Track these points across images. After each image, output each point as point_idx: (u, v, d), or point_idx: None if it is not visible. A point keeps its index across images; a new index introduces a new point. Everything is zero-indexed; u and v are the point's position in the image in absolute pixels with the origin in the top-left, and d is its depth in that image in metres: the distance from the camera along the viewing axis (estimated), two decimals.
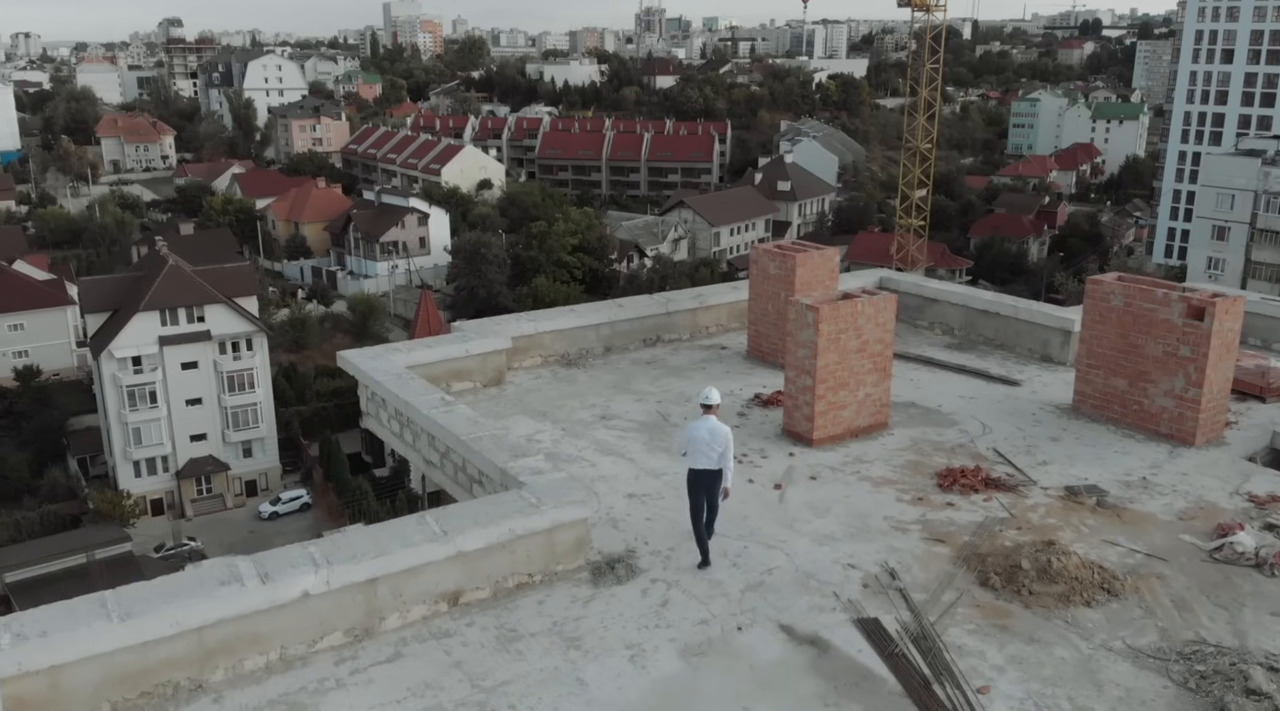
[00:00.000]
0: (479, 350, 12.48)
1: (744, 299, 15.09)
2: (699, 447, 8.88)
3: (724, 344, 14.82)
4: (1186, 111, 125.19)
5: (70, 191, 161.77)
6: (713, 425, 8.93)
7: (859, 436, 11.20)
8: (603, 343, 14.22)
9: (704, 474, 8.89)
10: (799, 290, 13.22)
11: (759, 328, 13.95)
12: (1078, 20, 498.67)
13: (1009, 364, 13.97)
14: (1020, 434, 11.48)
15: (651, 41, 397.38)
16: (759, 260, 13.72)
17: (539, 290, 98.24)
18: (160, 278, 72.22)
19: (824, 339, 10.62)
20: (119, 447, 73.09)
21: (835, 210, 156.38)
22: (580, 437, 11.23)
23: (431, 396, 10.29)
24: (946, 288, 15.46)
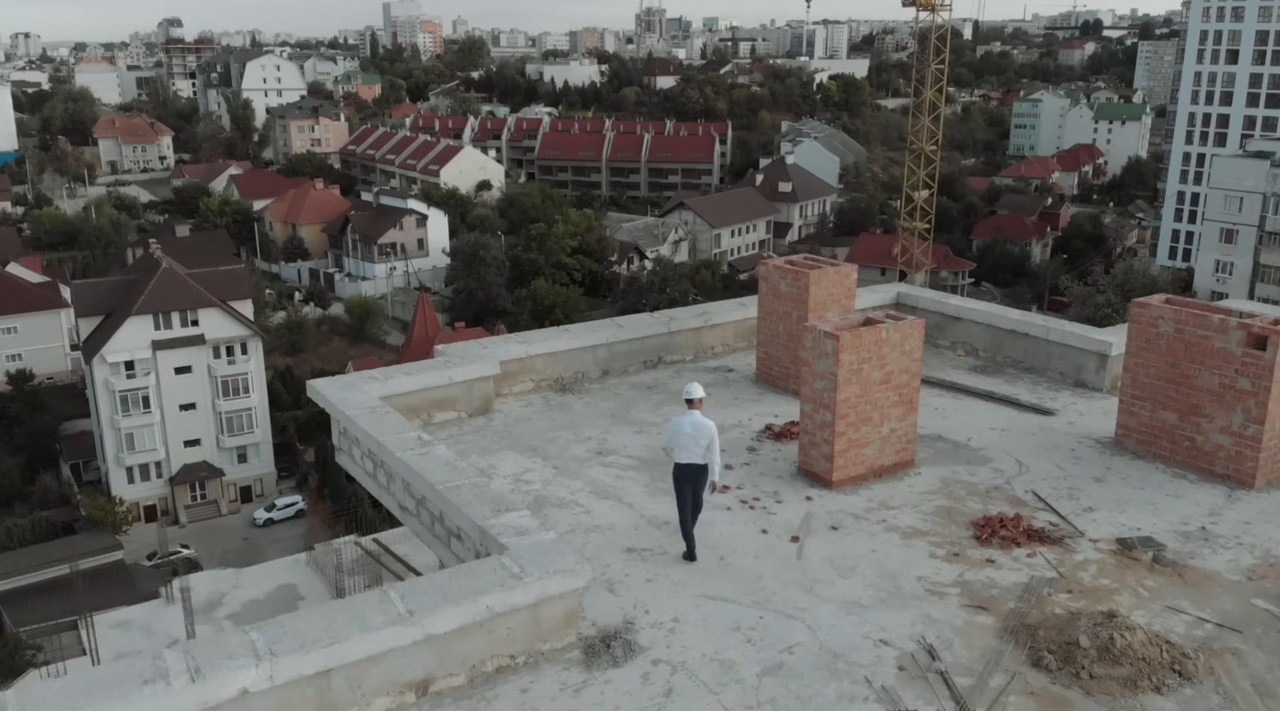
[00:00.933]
0: (464, 377, 11.40)
1: (752, 316, 14.00)
2: (683, 443, 8.81)
3: (730, 365, 13.74)
4: (1191, 112, 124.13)
5: (67, 192, 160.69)
6: (696, 420, 8.85)
7: (883, 476, 10.12)
8: (600, 365, 13.14)
9: (690, 468, 8.81)
10: (813, 310, 12.15)
11: (768, 350, 12.86)
12: (1078, 21, 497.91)
13: (1040, 390, 12.89)
14: (1060, 473, 10.40)
15: (652, 42, 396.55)
16: (768, 277, 12.64)
17: (538, 293, 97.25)
18: (153, 281, 71.19)
19: (844, 370, 9.54)
20: (111, 453, 72.06)
21: (837, 211, 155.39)
22: (573, 477, 10.14)
23: (407, 435, 9.21)
24: (970, 305, 14.36)
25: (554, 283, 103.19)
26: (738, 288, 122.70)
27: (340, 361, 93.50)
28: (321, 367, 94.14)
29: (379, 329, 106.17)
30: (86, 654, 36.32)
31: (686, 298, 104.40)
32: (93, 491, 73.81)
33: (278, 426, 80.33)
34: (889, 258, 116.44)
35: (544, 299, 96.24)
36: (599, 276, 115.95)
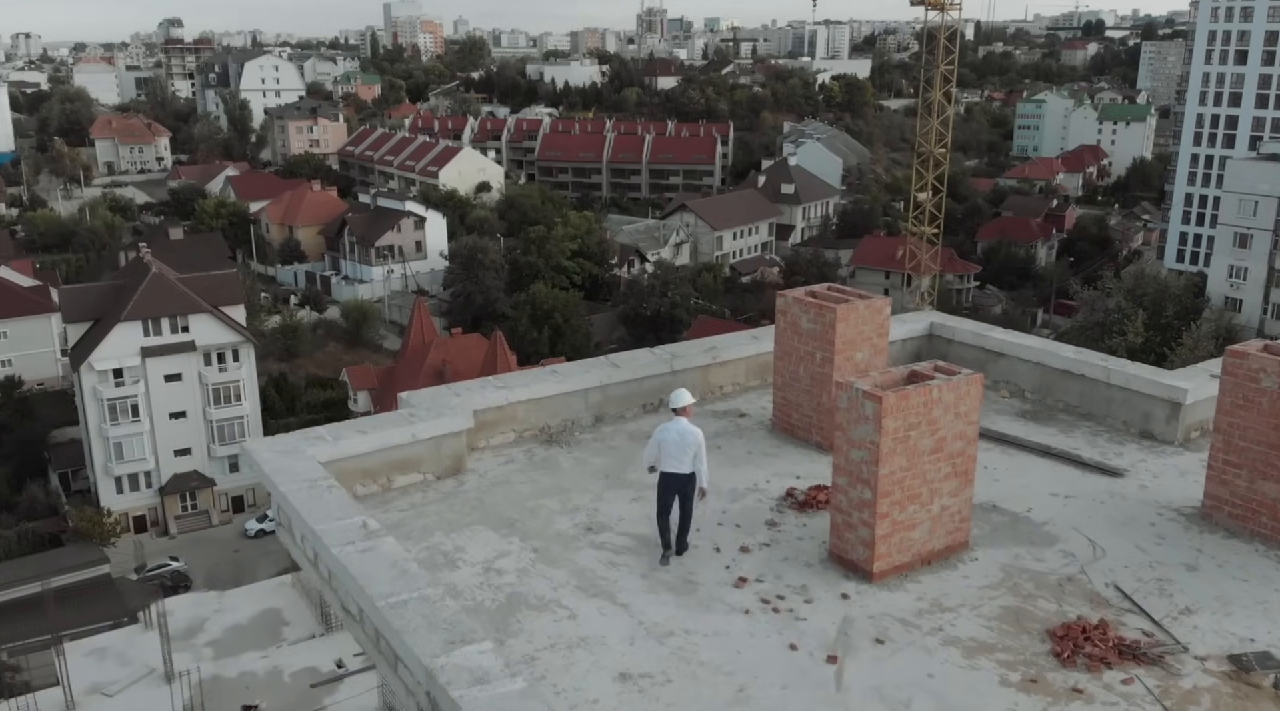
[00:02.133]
0: (430, 433, 9.66)
1: (766, 351, 12.27)
2: (669, 451, 8.65)
3: (742, 409, 11.99)
4: (1199, 113, 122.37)
5: (62, 194, 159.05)
6: (683, 428, 8.69)
7: (932, 563, 8.37)
8: (593, 411, 11.40)
9: (676, 477, 8.61)
10: (840, 350, 10.42)
11: (787, 394, 11.12)
12: (1080, 21, 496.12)
13: (1101, 442, 11.13)
14: (1143, 557, 8.66)
15: (653, 42, 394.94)
16: (787, 311, 10.89)
17: (537, 297, 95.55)
18: (143, 286, 69.52)
19: (889, 438, 7.81)
20: (100, 463, 70.42)
21: (840, 213, 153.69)
22: (557, 563, 8.40)
23: (348, 523, 7.47)
24: (1015, 340, 12.60)
25: (553, 286, 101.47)
26: (739, 291, 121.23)
27: (335, 366, 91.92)
28: (316, 373, 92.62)
29: (375, 333, 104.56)
30: (59, 683, 34.68)
31: (688, 302, 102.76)
32: (81, 501, 72.16)
33: (271, 434, 78.62)
34: (893, 260, 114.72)
35: (543, 303, 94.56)
36: (599, 280, 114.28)
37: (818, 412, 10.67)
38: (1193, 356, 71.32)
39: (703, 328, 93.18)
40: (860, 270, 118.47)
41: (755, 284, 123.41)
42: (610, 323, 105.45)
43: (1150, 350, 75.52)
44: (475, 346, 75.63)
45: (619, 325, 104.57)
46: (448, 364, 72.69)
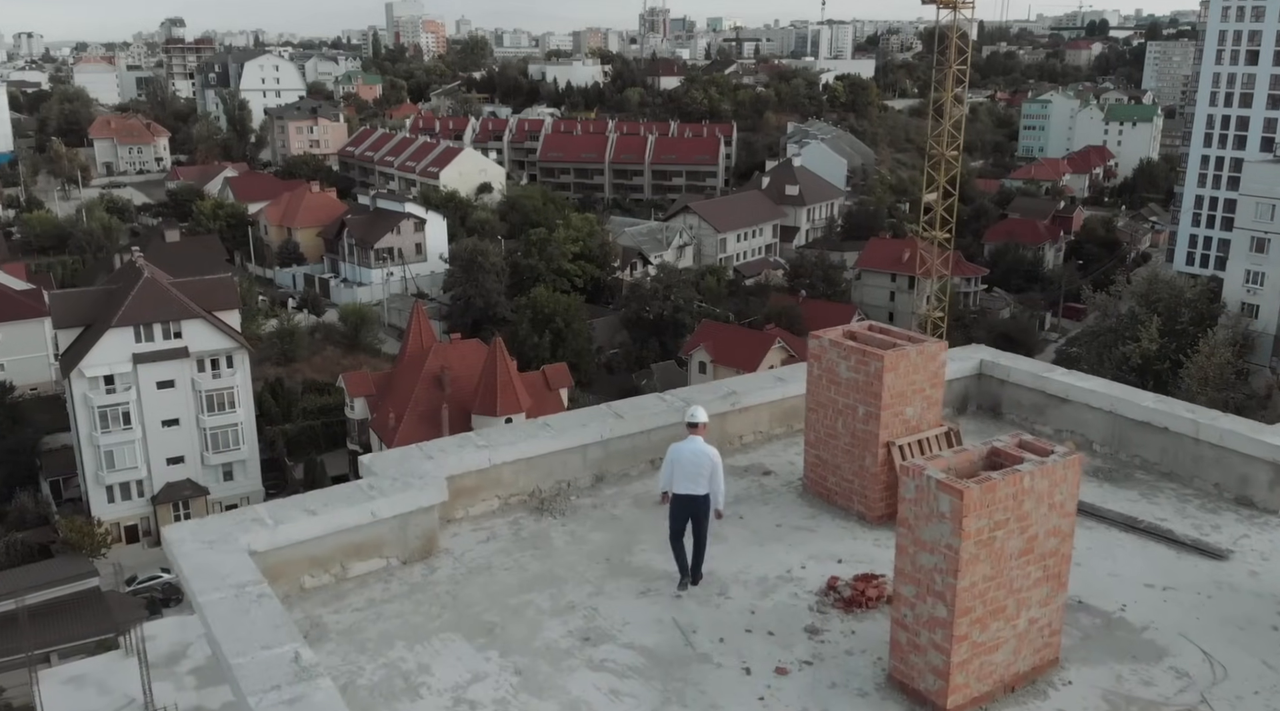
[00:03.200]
0: (394, 511, 7.98)
1: (794, 395, 10.61)
2: (683, 470, 8.22)
3: (767, 465, 10.31)
4: (1210, 114, 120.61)
5: (59, 195, 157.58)
6: (698, 447, 8.29)
7: (1017, 689, 6.70)
8: (592, 469, 9.72)
9: (690, 499, 8.16)
10: (888, 405, 8.74)
11: (821, 454, 9.44)
12: (1084, 21, 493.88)
13: (1192, 510, 9.44)
14: (1275, 677, 6.97)
15: (655, 42, 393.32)
16: (822, 355, 9.21)
17: (538, 300, 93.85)
18: (135, 291, 67.96)
19: (971, 542, 6.13)
20: (91, 471, 68.84)
21: (845, 215, 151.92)
22: (544, 693, 6.69)
23: (277, 653, 5.80)
24: (1081, 383, 10.88)
25: (555, 290, 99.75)
26: (744, 294, 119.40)
27: (333, 371, 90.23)
28: (314, 378, 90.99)
29: (374, 337, 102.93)
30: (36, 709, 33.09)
31: (691, 305, 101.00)
32: (72, 510, 70.60)
33: (266, 441, 77.10)
34: (900, 263, 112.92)
35: (544, 307, 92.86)
36: (601, 283, 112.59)
37: (860, 478, 8.99)
38: (1209, 364, 69.62)
39: (707, 332, 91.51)
40: (866, 272, 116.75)
41: (760, 287, 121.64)
42: (612, 326, 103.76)
43: (1165, 356, 73.81)
44: (474, 352, 73.94)
45: (621, 329, 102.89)
46: (446, 370, 71.03)
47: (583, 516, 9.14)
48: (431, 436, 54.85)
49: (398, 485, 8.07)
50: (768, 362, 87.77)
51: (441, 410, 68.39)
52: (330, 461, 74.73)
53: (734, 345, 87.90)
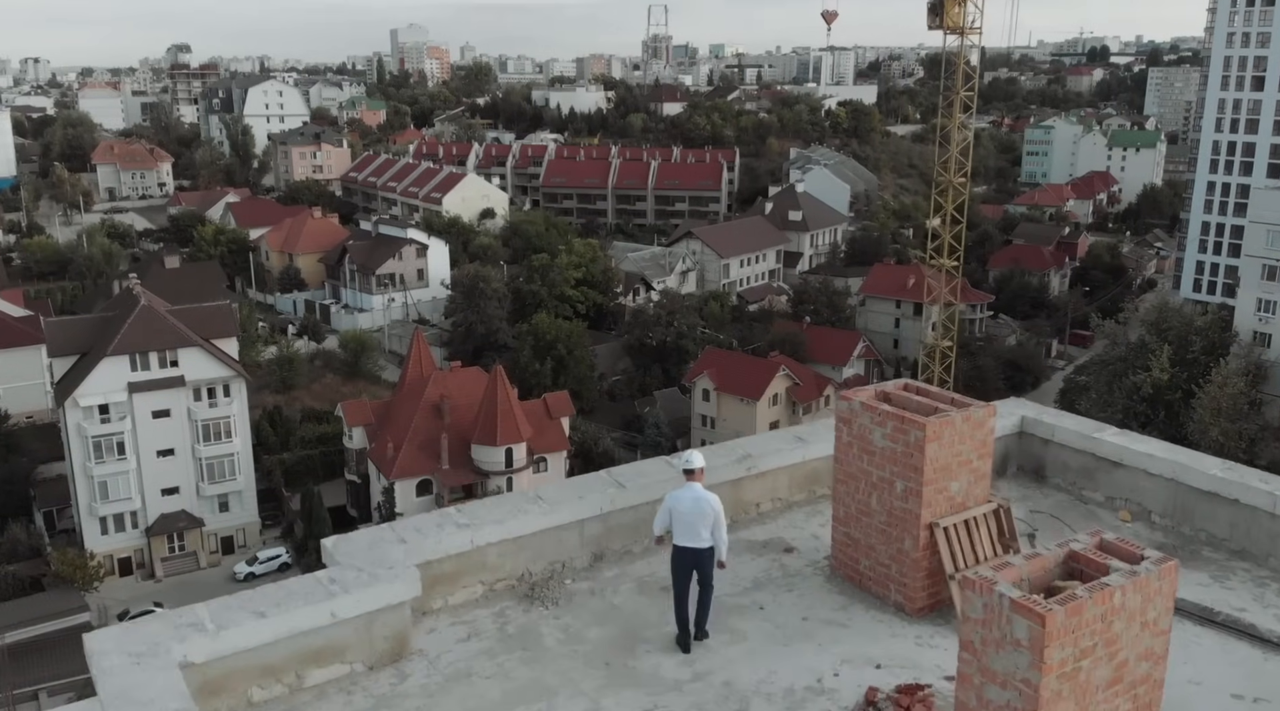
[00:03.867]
0: (358, 610, 6.86)
1: (816, 458, 9.52)
2: (684, 522, 7.77)
3: (788, 541, 9.17)
4: (1215, 140, 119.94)
5: (61, 220, 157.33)
6: (697, 495, 7.82)
7: None
8: (590, 547, 8.60)
9: (692, 552, 7.76)
10: (931, 480, 7.63)
11: (852, 532, 8.31)
12: (1085, 47, 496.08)
13: (1272, 597, 8.30)
14: None
15: (658, 68, 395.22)
16: (853, 420, 8.10)
17: (539, 327, 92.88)
18: (131, 319, 67.05)
19: (1054, 676, 5.02)
20: (84, 502, 67.64)
21: (848, 241, 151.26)
22: None
23: None
24: (1137, 445, 9.76)
25: (557, 316, 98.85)
26: (747, 320, 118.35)
27: (332, 399, 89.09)
28: (312, 406, 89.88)
29: (374, 364, 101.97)
30: None
31: (695, 331, 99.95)
32: (65, 542, 69.33)
33: (263, 471, 75.92)
34: (904, 289, 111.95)
35: (546, 333, 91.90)
36: (604, 309, 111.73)
37: (898, 563, 7.86)
38: (1222, 394, 68.33)
39: (710, 359, 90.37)
40: (870, 299, 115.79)
41: (763, 313, 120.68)
42: (615, 353, 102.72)
43: (1177, 386, 72.56)
44: (475, 380, 72.87)
45: (624, 356, 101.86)
46: (446, 398, 69.94)
47: (579, 606, 8.01)
48: (431, 467, 53.23)
49: (363, 578, 6.95)
50: (772, 390, 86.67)
51: (441, 439, 67.25)
52: (328, 491, 73.52)
53: (738, 372, 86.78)
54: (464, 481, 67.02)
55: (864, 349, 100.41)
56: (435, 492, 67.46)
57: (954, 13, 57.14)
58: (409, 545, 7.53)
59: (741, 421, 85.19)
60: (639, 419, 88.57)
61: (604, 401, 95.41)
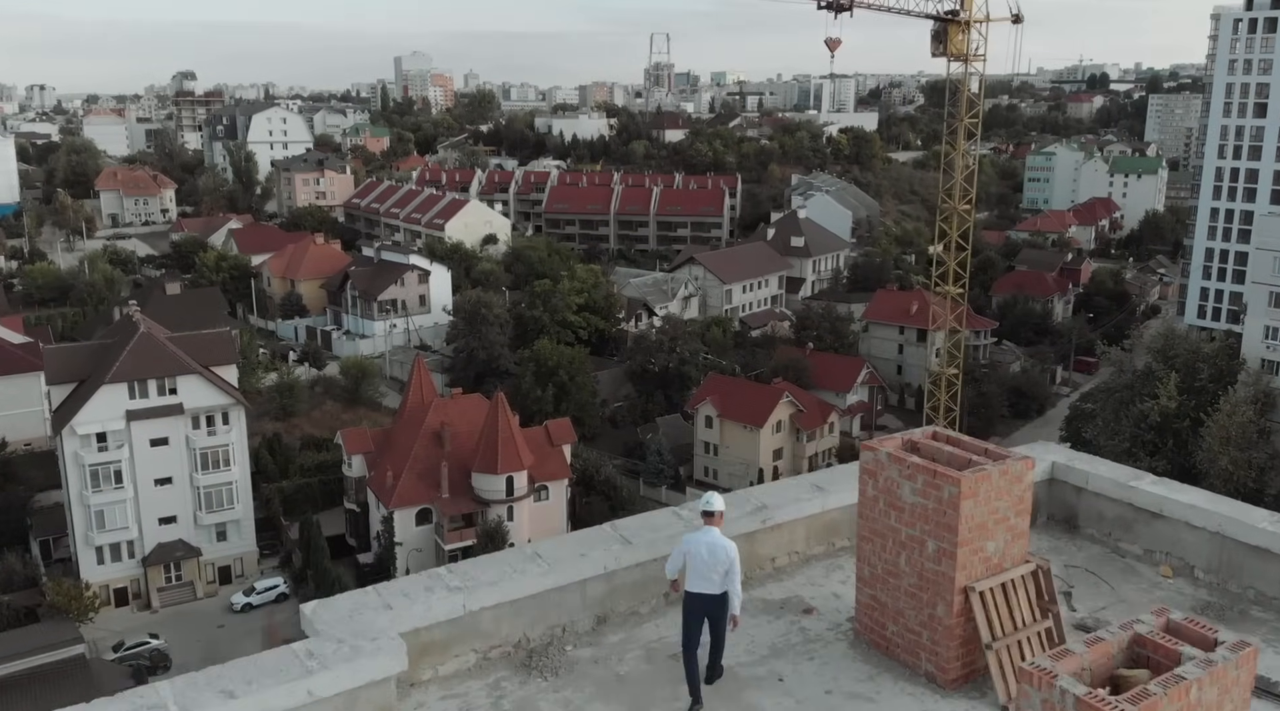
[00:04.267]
0: (337, 687, 6.20)
1: (834, 507, 8.89)
2: (697, 567, 7.45)
3: (806, 600, 8.51)
4: (1218, 167, 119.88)
5: (63, 246, 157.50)
6: (713, 540, 7.51)
7: None
8: (592, 609, 7.95)
9: (703, 598, 7.44)
10: (966, 540, 7.00)
11: (879, 595, 7.66)
12: (1084, 74, 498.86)
13: None
14: None
15: (660, 96, 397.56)
16: (879, 472, 7.48)
17: (541, 353, 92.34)
18: (130, 346, 66.56)
19: None
20: (80, 532, 66.83)
21: (851, 266, 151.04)
22: None
23: None
24: (1177, 494, 9.12)
25: (559, 341, 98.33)
26: (750, 346, 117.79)
27: (333, 426, 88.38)
28: (312, 434, 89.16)
29: (375, 391, 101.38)
30: None
31: (697, 357, 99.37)
32: (62, 571, 68.49)
33: (262, 499, 75.13)
34: (908, 315, 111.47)
35: (547, 359, 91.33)
36: (606, 334, 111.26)
37: (930, 630, 7.22)
38: (1230, 423, 67.54)
39: (713, 385, 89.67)
40: (874, 324, 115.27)
41: (766, 338, 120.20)
42: (617, 379, 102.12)
43: (1185, 415, 71.81)
44: (476, 407, 72.20)
45: (626, 381, 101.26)
46: (446, 426, 69.27)
47: (580, 675, 7.35)
48: (430, 496, 52.28)
49: (344, 651, 6.31)
50: (775, 417, 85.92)
51: (441, 468, 66.51)
52: (327, 520, 72.69)
53: (741, 399, 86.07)
54: (464, 510, 66.22)
55: (868, 375, 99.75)
56: (435, 521, 66.64)
57: (958, 40, 57.11)
58: (395, 612, 6.89)
59: (745, 448, 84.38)
60: (641, 446, 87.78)
61: (606, 428, 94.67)
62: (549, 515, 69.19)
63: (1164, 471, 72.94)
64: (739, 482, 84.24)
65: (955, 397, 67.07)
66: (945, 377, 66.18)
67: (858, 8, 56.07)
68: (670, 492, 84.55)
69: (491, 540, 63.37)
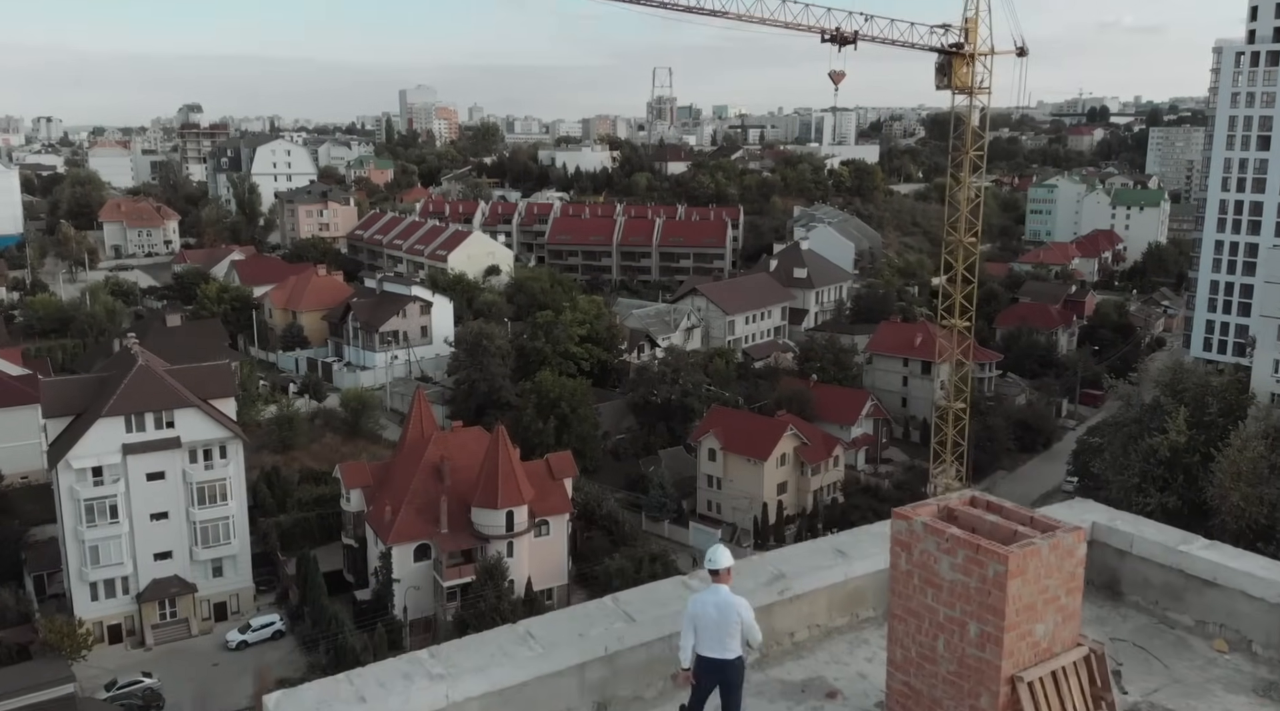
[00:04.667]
0: None
1: (858, 574, 8.13)
2: (707, 629, 6.99)
3: (830, 681, 7.71)
4: (1222, 199, 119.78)
5: (65, 277, 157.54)
6: (722, 599, 7.08)
7: None
8: (591, 695, 7.16)
9: (719, 664, 6.97)
10: (1014, 624, 6.23)
11: (912, 681, 6.87)
12: (1084, 107, 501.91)
13: None
14: None
15: (663, 129, 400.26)
16: (913, 544, 6.72)
17: (543, 385, 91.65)
18: (127, 379, 65.95)
19: None
20: (75, 567, 65.85)
21: (854, 298, 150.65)
22: None
23: None
24: (1234, 562, 8.34)
25: (561, 373, 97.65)
26: (753, 378, 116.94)
27: (332, 459, 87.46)
28: (311, 467, 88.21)
29: (375, 423, 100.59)
30: None
31: (700, 389, 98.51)
32: (55, 607, 67.45)
33: (259, 534, 74.14)
34: (912, 347, 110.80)
35: (549, 391, 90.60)
36: (608, 366, 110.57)
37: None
38: (1242, 458, 66.40)
39: (716, 417, 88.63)
40: (877, 356, 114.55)
41: (769, 370, 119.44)
42: (619, 411, 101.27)
43: (1195, 450, 70.72)
44: (476, 440, 71.33)
45: (628, 413, 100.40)
46: (446, 459, 68.40)
47: None
48: (429, 532, 51.11)
49: None
50: (780, 450, 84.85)
51: (440, 502, 65.54)
52: (324, 555, 71.64)
53: (744, 431, 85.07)
54: (463, 546, 65.17)
55: (872, 407, 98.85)
56: (434, 557, 65.57)
57: (962, 73, 56.90)
58: (369, 705, 6.11)
59: (749, 482, 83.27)
60: (643, 479, 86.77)
61: (608, 461, 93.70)
62: (550, 551, 68.11)
63: (1174, 507, 71.78)
64: (743, 517, 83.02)
65: (963, 432, 66.15)
66: (953, 412, 65.29)
67: (862, 41, 55.97)
68: (673, 527, 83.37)
69: (491, 577, 62.28)
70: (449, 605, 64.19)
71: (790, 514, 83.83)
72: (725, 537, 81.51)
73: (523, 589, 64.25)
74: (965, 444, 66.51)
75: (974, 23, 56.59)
